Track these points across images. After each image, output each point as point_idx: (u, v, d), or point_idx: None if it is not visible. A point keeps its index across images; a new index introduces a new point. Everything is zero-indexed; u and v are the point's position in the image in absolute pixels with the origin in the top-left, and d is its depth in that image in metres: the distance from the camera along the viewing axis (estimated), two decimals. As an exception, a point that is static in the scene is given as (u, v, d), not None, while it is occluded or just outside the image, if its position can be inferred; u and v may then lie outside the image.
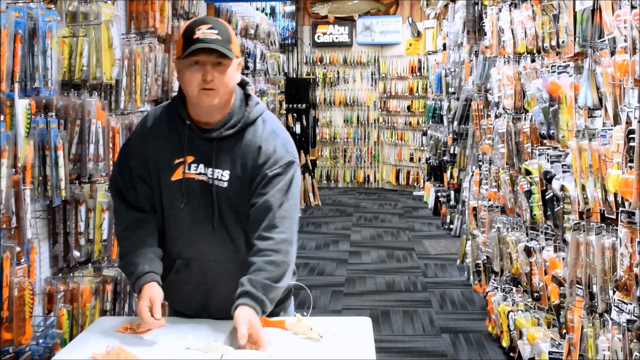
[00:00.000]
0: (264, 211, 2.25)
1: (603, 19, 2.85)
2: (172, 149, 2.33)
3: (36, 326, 2.76)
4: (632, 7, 2.44)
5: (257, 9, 8.75)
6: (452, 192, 8.87)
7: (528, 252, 3.88)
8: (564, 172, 3.34)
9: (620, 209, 2.53)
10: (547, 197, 3.50)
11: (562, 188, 3.28)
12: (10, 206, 2.43)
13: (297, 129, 10.79)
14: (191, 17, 5.29)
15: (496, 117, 4.92)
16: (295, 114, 10.85)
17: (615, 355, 2.54)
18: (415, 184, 11.91)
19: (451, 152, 8.83)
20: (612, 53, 2.72)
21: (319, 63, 12.55)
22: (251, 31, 7.90)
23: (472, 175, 6.29)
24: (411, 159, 12.00)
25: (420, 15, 11.83)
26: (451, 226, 8.65)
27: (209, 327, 2.31)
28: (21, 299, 2.46)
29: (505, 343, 4.48)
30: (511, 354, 4.41)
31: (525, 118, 4.18)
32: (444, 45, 9.91)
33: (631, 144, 2.39)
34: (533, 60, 4.06)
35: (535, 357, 3.78)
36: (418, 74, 11.89)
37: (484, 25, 5.49)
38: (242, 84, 2.38)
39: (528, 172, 3.79)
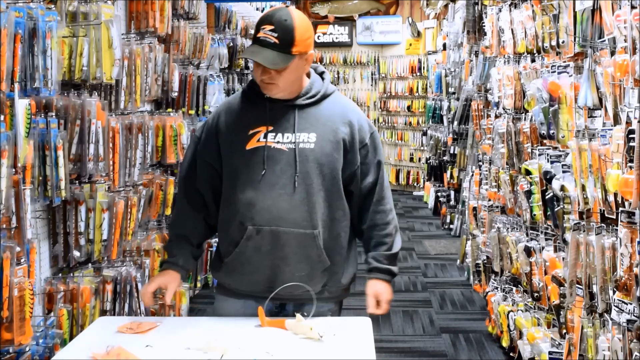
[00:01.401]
0: (374, 185, 2.53)
1: (603, 19, 2.85)
2: (248, 120, 2.43)
3: (36, 326, 2.76)
4: (632, 7, 2.43)
5: (257, 9, 8.75)
6: (452, 192, 8.86)
7: (528, 252, 3.88)
8: (564, 172, 3.34)
9: (620, 209, 2.52)
10: (547, 197, 3.50)
11: (562, 188, 3.28)
12: (10, 206, 2.43)
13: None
14: (191, 17, 5.29)
15: (496, 117, 4.92)
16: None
17: (615, 355, 2.54)
18: (415, 184, 11.91)
19: (451, 152, 8.83)
20: (612, 53, 2.72)
21: (319, 63, 12.53)
22: (251, 31, 7.91)
23: (472, 175, 6.29)
24: (411, 159, 11.99)
25: (420, 15, 11.83)
26: (451, 226, 8.64)
27: (209, 327, 2.32)
28: (21, 299, 2.46)
29: (505, 343, 4.48)
30: (511, 354, 4.41)
31: (525, 118, 4.18)
32: (444, 45, 9.91)
33: (631, 144, 2.38)
34: (533, 60, 4.06)
35: (535, 357, 3.78)
36: (418, 74, 11.89)
37: (484, 25, 5.49)
38: (318, 71, 2.54)
39: (528, 172, 3.79)
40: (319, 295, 2.43)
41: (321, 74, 2.53)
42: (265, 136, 2.39)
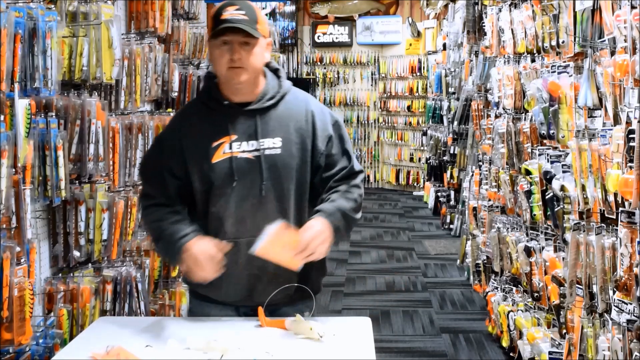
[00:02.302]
0: (341, 170, 2.41)
1: (603, 19, 2.85)
2: (209, 132, 2.36)
3: (36, 326, 2.75)
4: (632, 7, 2.43)
5: (257, 9, 8.76)
6: (452, 192, 8.87)
7: (528, 252, 3.88)
8: (564, 172, 3.34)
9: (620, 209, 2.52)
10: (547, 197, 3.50)
11: (562, 188, 3.28)
12: (10, 206, 2.43)
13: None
14: (191, 17, 5.29)
15: (496, 117, 4.92)
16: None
17: (615, 355, 2.54)
18: (415, 184, 11.91)
19: (451, 152, 8.83)
20: (612, 53, 2.72)
21: (319, 63, 12.55)
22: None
23: (472, 175, 6.29)
24: (411, 159, 11.99)
25: (420, 15, 11.83)
26: (451, 226, 8.65)
27: (209, 327, 2.32)
28: (21, 299, 2.46)
29: (505, 343, 4.48)
30: (511, 354, 4.41)
31: (525, 118, 4.18)
32: (444, 45, 9.91)
33: (631, 144, 2.39)
34: (533, 60, 4.06)
35: (535, 357, 3.78)
36: (418, 74, 11.89)
37: (484, 25, 5.49)
38: (271, 68, 2.46)
39: (528, 172, 3.79)
40: (294, 296, 2.40)
41: (275, 72, 2.47)
42: (231, 146, 2.33)
